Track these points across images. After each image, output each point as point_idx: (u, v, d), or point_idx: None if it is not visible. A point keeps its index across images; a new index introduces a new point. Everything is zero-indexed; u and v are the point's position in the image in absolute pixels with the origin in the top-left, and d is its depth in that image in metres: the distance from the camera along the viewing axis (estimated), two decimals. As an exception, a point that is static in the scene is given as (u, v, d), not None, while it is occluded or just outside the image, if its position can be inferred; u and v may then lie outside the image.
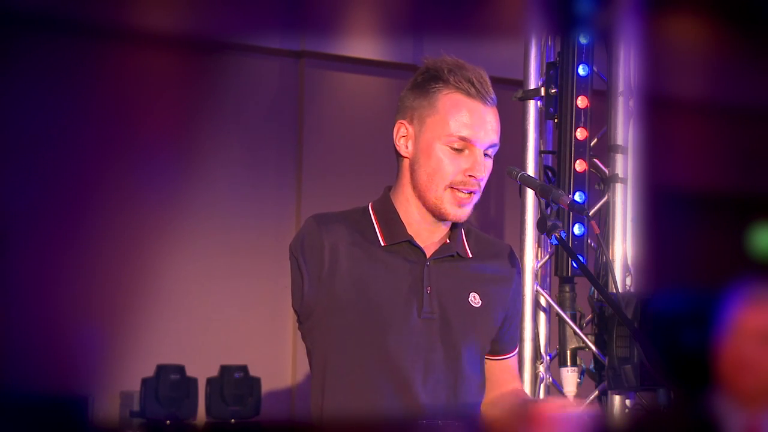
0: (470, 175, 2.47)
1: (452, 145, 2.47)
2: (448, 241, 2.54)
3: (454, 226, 2.56)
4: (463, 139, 2.46)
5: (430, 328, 2.46)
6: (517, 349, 2.65)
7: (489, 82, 2.51)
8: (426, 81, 2.51)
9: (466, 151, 2.47)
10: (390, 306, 2.44)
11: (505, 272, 2.60)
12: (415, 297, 2.46)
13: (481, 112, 2.49)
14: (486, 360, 2.58)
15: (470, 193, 2.48)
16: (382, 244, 2.49)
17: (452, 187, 2.47)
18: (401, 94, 2.57)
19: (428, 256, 2.50)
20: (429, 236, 2.53)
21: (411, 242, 2.50)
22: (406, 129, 2.52)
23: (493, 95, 2.52)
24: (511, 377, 2.62)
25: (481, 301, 2.53)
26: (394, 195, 2.55)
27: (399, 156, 2.54)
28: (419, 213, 2.52)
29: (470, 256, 2.56)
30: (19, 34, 5.69)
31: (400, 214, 2.52)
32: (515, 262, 2.63)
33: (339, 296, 2.44)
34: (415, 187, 2.50)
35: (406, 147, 2.52)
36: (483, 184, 2.51)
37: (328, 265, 2.44)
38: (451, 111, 2.47)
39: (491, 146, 2.50)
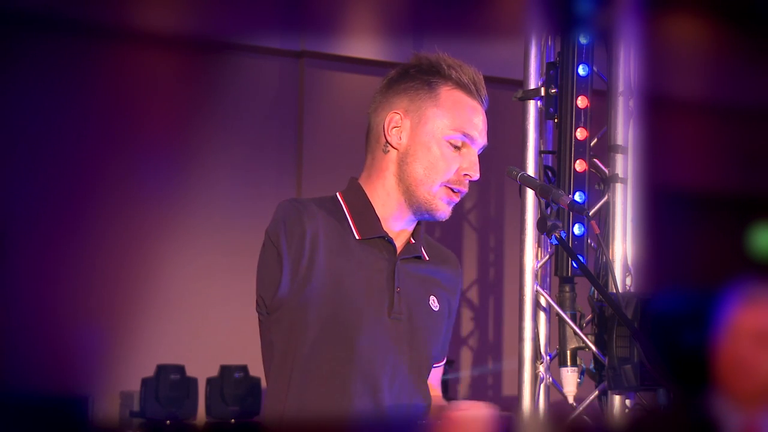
0: (465, 175, 2.44)
1: (453, 142, 2.43)
2: (412, 241, 2.49)
3: (417, 227, 2.51)
4: (465, 135, 2.43)
5: (398, 330, 2.41)
6: (444, 360, 2.59)
7: (484, 84, 2.49)
8: (423, 74, 2.46)
9: (464, 150, 2.44)
10: (363, 303, 2.37)
11: (453, 281, 2.56)
12: (387, 296, 2.40)
13: (479, 112, 2.47)
14: None
15: (459, 192, 2.45)
16: (357, 237, 2.42)
17: (446, 186, 2.44)
18: (385, 86, 2.49)
19: (398, 254, 2.46)
20: (399, 234, 2.48)
21: (385, 238, 2.44)
22: (401, 120, 2.45)
23: (487, 97, 2.49)
24: (435, 384, 2.58)
25: (438, 306, 2.50)
26: (369, 187, 2.48)
27: (384, 145, 2.46)
28: (398, 207, 2.45)
29: (427, 258, 2.52)
30: (19, 34, 5.69)
31: (375, 208, 2.46)
32: (460, 272, 2.60)
33: (315, 290, 2.35)
34: (404, 179, 2.44)
35: (399, 138, 2.44)
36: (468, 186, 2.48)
37: (308, 255, 2.36)
38: (454, 107, 2.44)
39: (482, 148, 2.48)
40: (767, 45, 6.55)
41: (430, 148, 2.43)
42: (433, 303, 2.49)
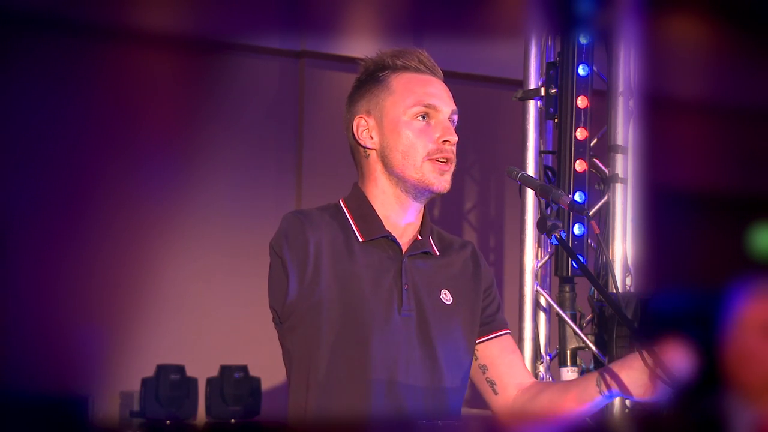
0: (444, 141, 2.47)
1: (417, 116, 2.48)
2: (419, 237, 2.53)
3: (424, 223, 2.55)
4: (426, 106, 2.48)
5: (409, 326, 2.44)
6: (508, 328, 2.61)
7: (433, 60, 2.54)
8: (371, 74, 2.54)
9: (433, 121, 2.48)
10: (372, 303, 2.42)
11: (470, 263, 2.59)
12: (395, 294, 2.44)
13: (435, 83, 2.52)
14: (481, 345, 2.56)
15: (447, 161, 2.48)
16: (360, 240, 2.47)
17: (429, 159, 2.47)
18: (347, 104, 2.57)
19: (403, 252, 2.49)
20: (404, 232, 2.51)
21: (389, 238, 2.48)
22: (366, 121, 2.52)
23: (440, 71, 2.54)
24: (515, 356, 2.58)
25: (452, 299, 2.52)
26: (367, 190, 2.53)
27: (363, 151, 2.53)
28: (398, 202, 2.50)
29: (438, 253, 2.55)
30: (19, 34, 5.69)
31: (375, 209, 2.50)
32: (476, 250, 2.63)
33: (323, 295, 2.40)
34: (392, 172, 2.49)
35: (371, 138, 2.51)
36: (455, 152, 2.50)
37: (312, 263, 2.41)
38: (406, 87, 2.49)
39: (454, 113, 2.51)
40: (767, 45, 6.55)
41: (401, 133, 2.48)
42: (445, 297, 2.52)
